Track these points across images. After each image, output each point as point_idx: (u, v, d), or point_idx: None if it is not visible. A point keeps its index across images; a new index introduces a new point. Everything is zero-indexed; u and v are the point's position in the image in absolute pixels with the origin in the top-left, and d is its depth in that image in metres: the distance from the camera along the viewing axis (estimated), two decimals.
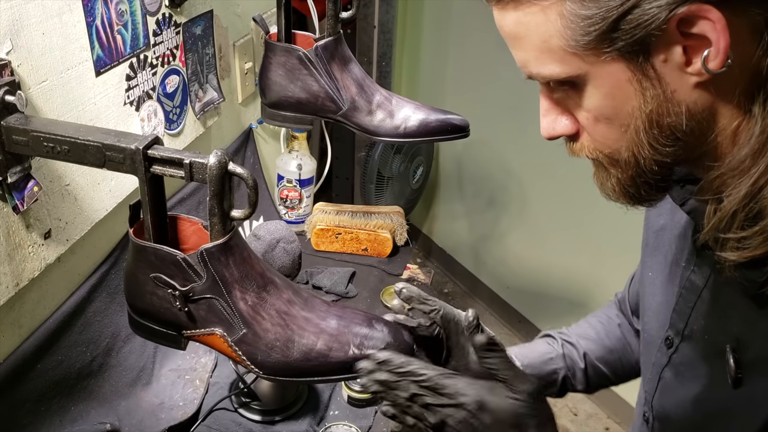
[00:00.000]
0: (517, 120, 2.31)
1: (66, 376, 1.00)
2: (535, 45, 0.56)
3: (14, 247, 0.84)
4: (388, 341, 0.75)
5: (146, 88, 1.08)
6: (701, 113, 0.54)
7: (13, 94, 0.75)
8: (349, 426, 1.15)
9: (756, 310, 0.60)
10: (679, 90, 0.53)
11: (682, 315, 0.70)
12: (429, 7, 2.50)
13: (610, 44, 0.52)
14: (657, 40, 0.51)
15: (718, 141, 0.56)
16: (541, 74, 0.57)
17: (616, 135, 0.57)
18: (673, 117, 0.54)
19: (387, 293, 1.47)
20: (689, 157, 0.57)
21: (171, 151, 0.68)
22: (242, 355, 0.74)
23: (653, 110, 0.53)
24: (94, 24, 0.92)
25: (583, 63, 0.54)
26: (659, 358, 0.74)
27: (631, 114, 0.55)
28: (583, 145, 0.61)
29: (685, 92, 0.53)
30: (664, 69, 0.52)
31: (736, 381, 0.61)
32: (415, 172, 2.37)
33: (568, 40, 0.53)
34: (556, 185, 2.26)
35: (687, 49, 0.51)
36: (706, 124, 0.55)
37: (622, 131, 0.56)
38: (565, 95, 0.59)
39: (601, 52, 0.53)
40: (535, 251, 2.44)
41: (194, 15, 1.19)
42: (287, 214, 1.64)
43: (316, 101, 1.14)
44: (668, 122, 0.54)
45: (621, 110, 0.55)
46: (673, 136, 0.55)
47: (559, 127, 0.61)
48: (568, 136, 0.62)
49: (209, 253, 0.70)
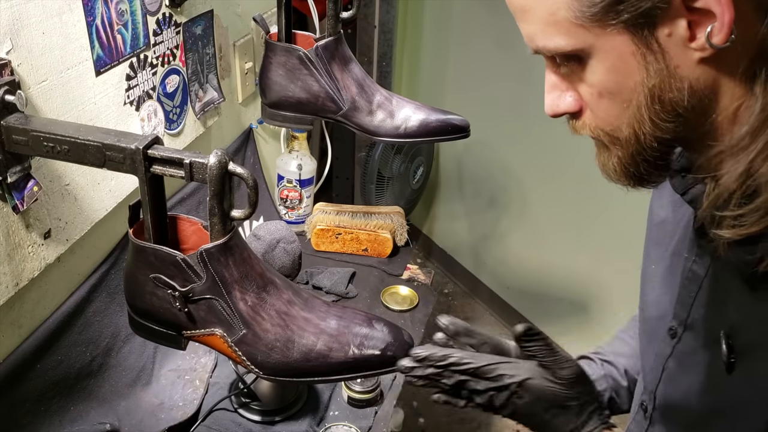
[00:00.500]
0: (517, 120, 2.31)
1: (66, 376, 1.00)
2: (543, 17, 0.56)
3: (14, 247, 0.84)
4: (388, 341, 0.75)
5: (146, 88, 1.07)
6: (703, 90, 0.55)
7: (13, 94, 0.75)
8: (349, 426, 1.15)
9: (749, 294, 0.60)
10: (683, 65, 0.53)
11: (685, 305, 0.71)
12: (429, 7, 2.50)
13: (615, 16, 0.53)
14: (662, 13, 0.51)
15: (719, 120, 0.56)
16: (547, 47, 0.58)
17: (618, 111, 0.57)
18: (675, 93, 0.54)
19: (387, 294, 1.47)
20: (689, 136, 0.58)
21: (171, 151, 0.68)
22: (242, 356, 0.74)
23: (656, 85, 0.54)
24: (94, 23, 0.92)
25: (589, 35, 0.55)
26: (663, 348, 0.75)
27: (633, 89, 0.55)
28: (585, 123, 0.61)
29: (689, 68, 0.54)
30: (668, 43, 0.53)
31: (729, 366, 0.62)
32: (416, 173, 2.37)
33: (575, 11, 0.54)
34: (556, 186, 2.26)
35: (691, 24, 0.52)
36: (707, 101, 0.55)
37: (624, 107, 0.57)
38: (570, 70, 0.59)
39: (607, 24, 0.53)
40: (536, 251, 2.44)
41: (194, 15, 1.19)
42: (287, 214, 1.64)
43: (317, 101, 1.14)
44: (670, 98, 0.54)
45: (624, 85, 0.56)
46: (674, 112, 0.55)
47: (563, 104, 0.61)
48: (571, 114, 0.62)
49: (209, 254, 0.69)
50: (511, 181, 2.44)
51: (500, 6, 2.19)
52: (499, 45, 2.26)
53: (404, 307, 1.43)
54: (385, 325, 0.77)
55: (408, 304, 1.45)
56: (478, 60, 2.39)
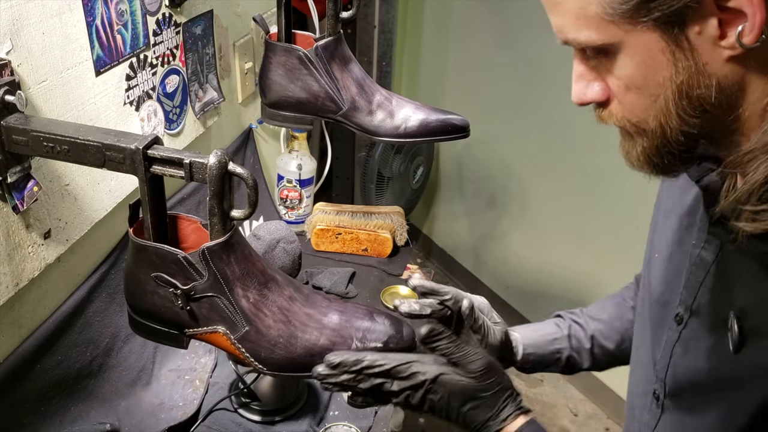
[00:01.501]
0: (517, 120, 2.31)
1: (66, 376, 1.00)
2: (573, 11, 0.57)
3: (14, 247, 0.84)
4: (390, 334, 0.75)
5: (146, 88, 1.08)
6: (731, 87, 0.55)
7: (13, 94, 0.75)
8: (349, 426, 1.15)
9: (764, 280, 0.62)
10: (711, 63, 0.54)
11: (691, 291, 0.72)
12: (429, 7, 2.50)
13: (647, 13, 0.53)
14: (693, 12, 0.52)
15: (746, 116, 0.57)
16: (576, 40, 0.58)
17: (646, 104, 0.58)
18: (703, 89, 0.55)
19: (387, 293, 1.47)
20: (715, 131, 0.59)
21: (171, 151, 0.68)
22: (246, 353, 0.74)
23: (684, 81, 0.55)
24: (94, 24, 0.92)
25: (619, 31, 0.55)
26: (670, 335, 0.76)
27: (661, 84, 0.56)
28: (611, 113, 0.62)
29: (717, 65, 0.54)
30: (698, 41, 0.53)
31: (737, 346, 0.63)
32: (416, 172, 2.37)
33: (605, 7, 0.54)
34: (556, 185, 2.26)
35: (722, 23, 0.52)
36: (734, 98, 0.56)
37: (651, 101, 0.57)
38: (599, 62, 0.60)
39: (637, 21, 0.54)
40: (536, 251, 2.44)
41: (194, 15, 1.19)
42: (287, 214, 1.64)
43: (316, 101, 1.14)
44: (698, 94, 0.55)
45: (652, 80, 0.56)
46: (701, 108, 0.56)
47: (590, 93, 0.62)
48: (597, 103, 0.63)
49: (211, 252, 0.70)
50: (511, 180, 2.44)
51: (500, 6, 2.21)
52: (499, 45, 2.26)
53: None
54: (386, 318, 0.77)
55: None
56: (478, 60, 2.39)
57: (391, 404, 0.76)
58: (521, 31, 2.15)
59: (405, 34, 2.59)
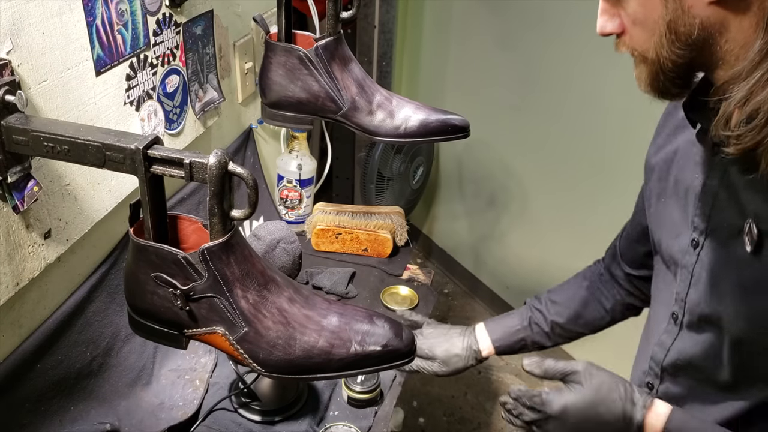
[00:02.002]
0: (517, 120, 2.31)
1: (66, 376, 1.00)
2: None
3: (14, 247, 0.84)
4: (389, 337, 0.75)
5: (146, 88, 1.08)
6: (712, 26, 0.67)
7: (13, 94, 0.75)
8: (348, 426, 1.15)
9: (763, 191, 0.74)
10: (695, 5, 0.66)
11: (704, 216, 0.83)
12: (429, 7, 2.50)
13: None
14: None
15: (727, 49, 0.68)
16: None
17: (646, 36, 0.71)
18: (687, 27, 0.67)
19: (387, 294, 1.47)
20: (703, 61, 0.70)
21: (171, 151, 0.68)
22: (244, 354, 0.74)
23: (672, 20, 0.67)
24: (95, 24, 0.92)
25: None
26: (688, 260, 0.86)
27: (656, 21, 0.69)
28: (624, 42, 0.75)
29: (700, 8, 0.66)
30: None
31: (756, 247, 0.75)
32: (416, 172, 2.37)
33: None
34: (556, 185, 2.26)
35: None
36: (717, 35, 0.67)
37: (650, 34, 0.70)
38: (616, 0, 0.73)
39: None
40: (536, 251, 2.44)
41: (194, 15, 1.19)
42: (287, 214, 1.64)
43: (317, 101, 1.14)
44: (682, 30, 0.67)
45: (650, 17, 0.69)
46: (686, 42, 0.68)
47: (610, 25, 0.75)
48: (616, 35, 0.75)
49: (211, 252, 0.70)
50: (511, 180, 2.44)
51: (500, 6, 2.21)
52: (499, 45, 2.26)
53: (404, 307, 1.43)
54: (386, 321, 0.77)
55: (408, 304, 1.45)
56: (478, 60, 2.39)
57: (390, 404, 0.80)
58: (521, 31, 2.15)
59: (405, 34, 2.59)
